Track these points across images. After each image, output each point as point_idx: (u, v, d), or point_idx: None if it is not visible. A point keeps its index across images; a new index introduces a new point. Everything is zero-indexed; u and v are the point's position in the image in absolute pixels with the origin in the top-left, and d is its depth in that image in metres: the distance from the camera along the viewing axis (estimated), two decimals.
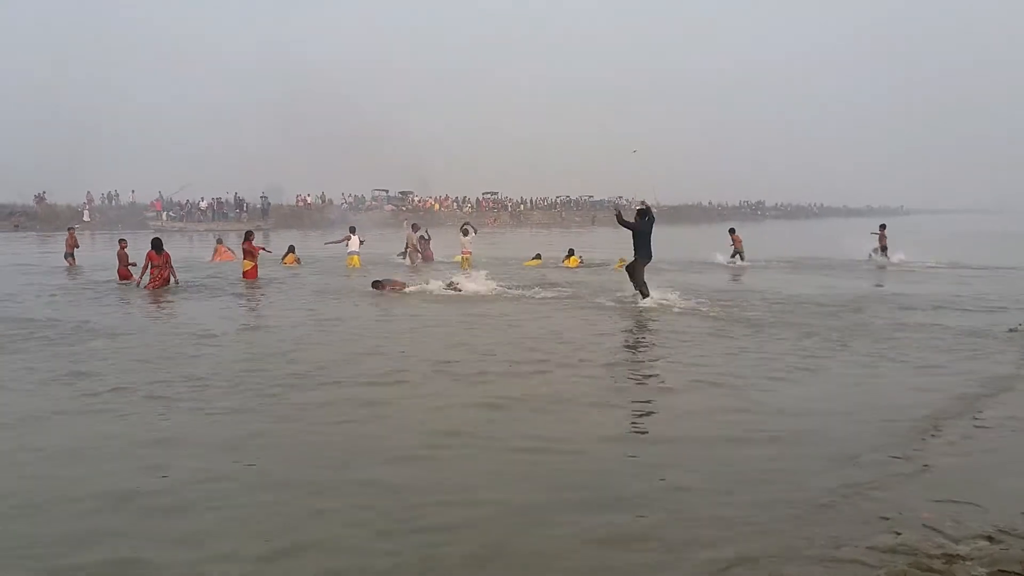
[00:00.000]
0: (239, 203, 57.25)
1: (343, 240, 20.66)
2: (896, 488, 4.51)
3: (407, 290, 14.06)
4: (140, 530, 3.98)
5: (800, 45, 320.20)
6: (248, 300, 13.69)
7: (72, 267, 19.77)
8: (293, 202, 62.19)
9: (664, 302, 12.06)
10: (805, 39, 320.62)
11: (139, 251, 16.42)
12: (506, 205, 72.65)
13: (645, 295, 12.08)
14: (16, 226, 45.52)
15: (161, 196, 56.34)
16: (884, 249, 21.49)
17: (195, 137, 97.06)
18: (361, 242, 20.82)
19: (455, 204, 69.24)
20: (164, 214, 53.10)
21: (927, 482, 4.64)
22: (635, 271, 12.18)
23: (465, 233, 20.15)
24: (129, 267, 16.26)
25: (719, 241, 23.89)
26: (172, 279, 14.90)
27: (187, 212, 54.44)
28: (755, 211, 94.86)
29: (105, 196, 57.96)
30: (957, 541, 3.78)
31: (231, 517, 4.14)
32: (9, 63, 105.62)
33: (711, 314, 11.23)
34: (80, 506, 4.29)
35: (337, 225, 49.04)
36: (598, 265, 20.81)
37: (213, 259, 21.90)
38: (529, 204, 74.43)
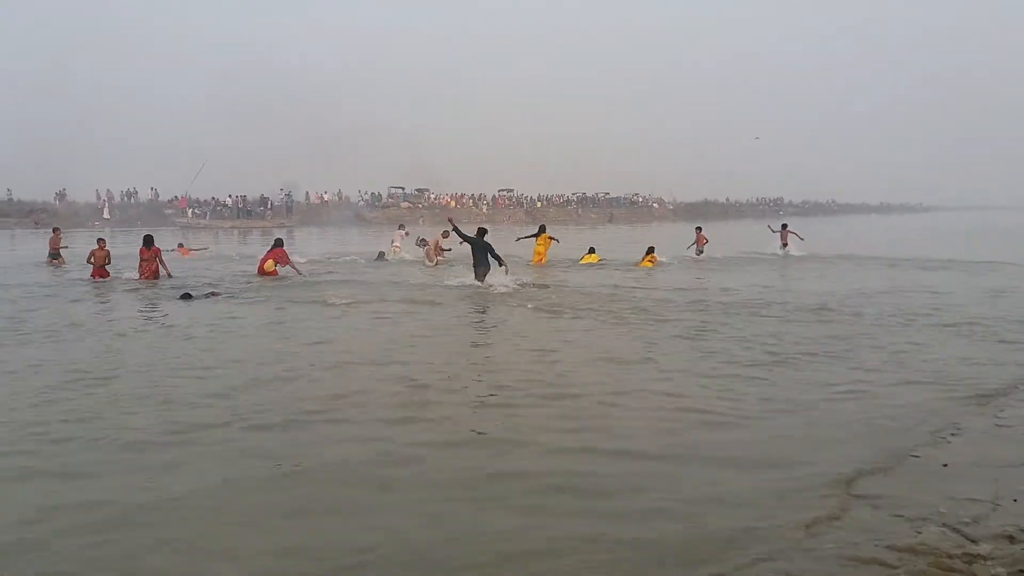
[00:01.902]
0: (264, 200, 58.70)
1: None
2: (915, 486, 4.45)
3: None
4: None
5: (815, 36, 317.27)
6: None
7: (53, 265, 19.51)
8: (304, 199, 62.84)
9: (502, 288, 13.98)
10: (819, 30, 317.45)
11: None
12: (522, 202, 72.60)
13: (480, 280, 14.70)
14: (36, 223, 46.04)
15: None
16: (785, 246, 24.00)
17: (202, 135, 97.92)
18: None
19: (471, 201, 69.30)
20: (190, 211, 54.14)
21: (947, 480, 4.58)
22: (475, 272, 14.89)
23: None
24: (105, 266, 16.12)
25: (725, 237, 26.25)
26: (163, 271, 15.75)
27: (212, 209, 55.41)
28: (775, 209, 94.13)
29: (124, 193, 58.74)
30: (977, 540, 3.73)
31: None
32: (14, 62, 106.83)
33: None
34: None
35: (354, 223, 49.23)
36: (613, 261, 20.79)
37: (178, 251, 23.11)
38: (545, 201, 74.32)
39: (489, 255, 14.85)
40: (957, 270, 18.49)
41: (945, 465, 4.82)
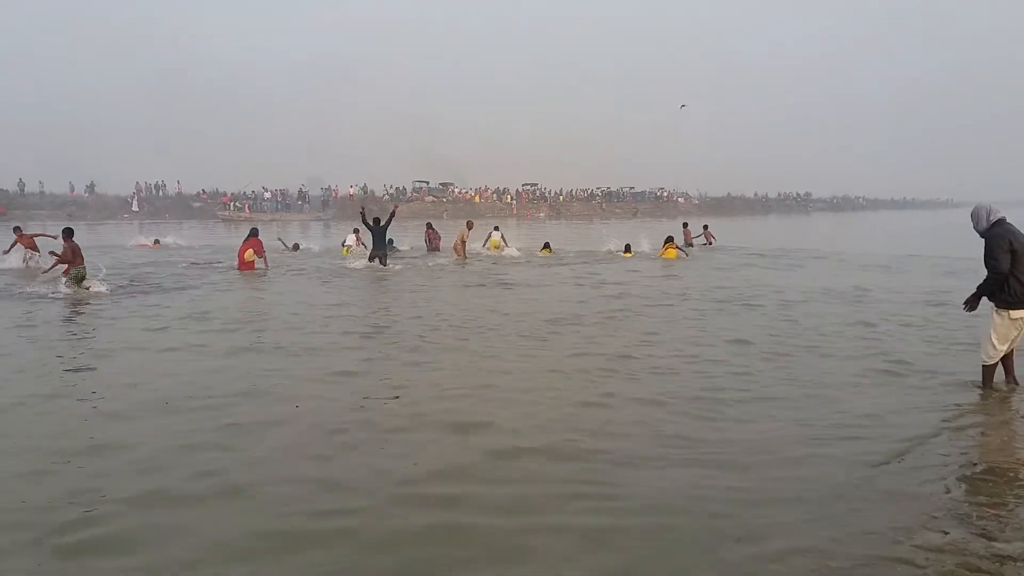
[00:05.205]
0: (302, 195, 61.47)
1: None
2: (944, 486, 4.36)
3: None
4: None
5: (835, 29, 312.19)
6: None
7: (28, 254, 18.87)
8: (328, 193, 63.85)
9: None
10: (837, 24, 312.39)
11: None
12: (545, 197, 72.46)
13: (382, 263, 17.79)
14: (69, 215, 46.93)
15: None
16: (709, 244, 26.48)
17: (216, 128, 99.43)
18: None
19: (495, 196, 69.32)
20: (232, 204, 56.67)
21: (975, 480, 4.49)
22: (374, 253, 18.03)
23: (496, 228, 23.36)
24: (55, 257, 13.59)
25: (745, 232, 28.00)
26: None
27: (253, 202, 57.85)
28: (803, 204, 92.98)
29: (152, 186, 59.72)
30: (1008, 541, 3.64)
31: None
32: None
33: None
34: None
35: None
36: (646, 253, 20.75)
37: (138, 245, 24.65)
38: (569, 196, 74.10)
39: (384, 239, 18.08)
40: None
41: (974, 464, 4.72)
